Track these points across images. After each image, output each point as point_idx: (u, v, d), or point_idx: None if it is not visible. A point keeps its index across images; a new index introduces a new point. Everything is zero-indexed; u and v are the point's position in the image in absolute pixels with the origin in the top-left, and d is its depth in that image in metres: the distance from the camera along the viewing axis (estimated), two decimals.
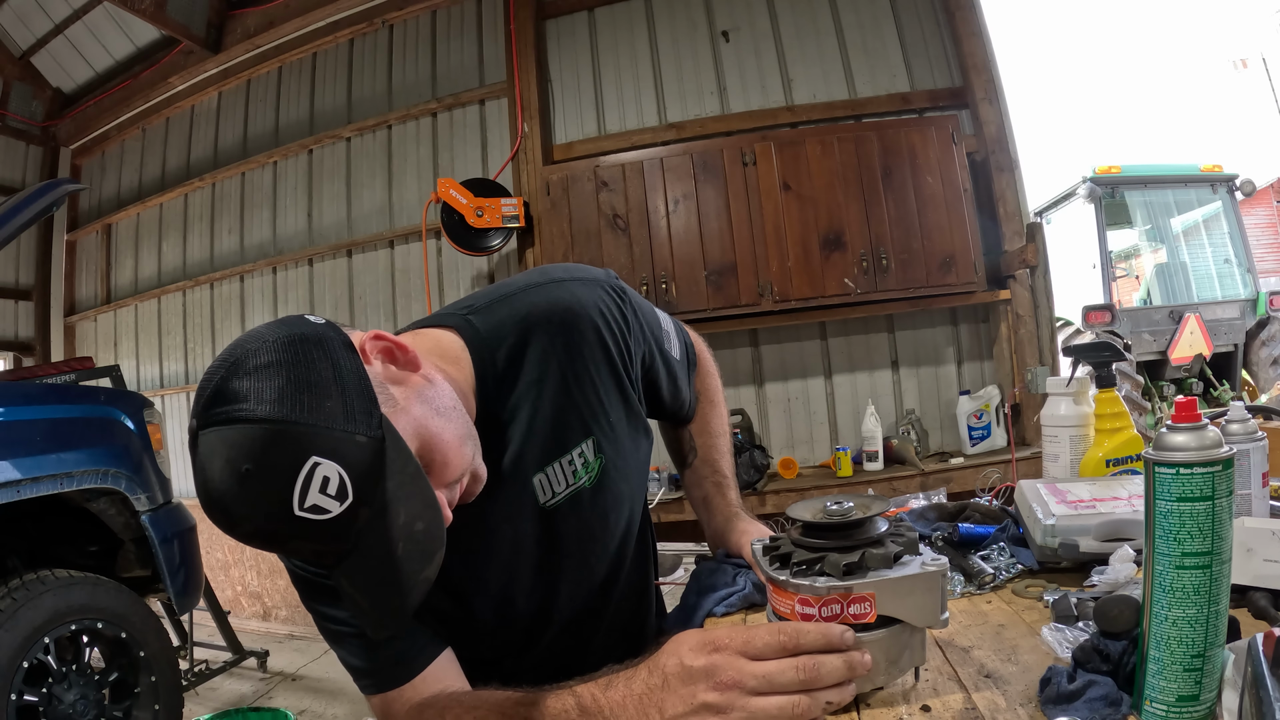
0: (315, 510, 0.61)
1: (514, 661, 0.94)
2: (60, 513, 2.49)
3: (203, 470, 0.62)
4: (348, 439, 0.62)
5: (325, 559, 0.65)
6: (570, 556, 0.91)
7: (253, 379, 0.61)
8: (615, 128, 3.71)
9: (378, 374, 0.70)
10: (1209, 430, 0.56)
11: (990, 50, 3.43)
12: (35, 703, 2.10)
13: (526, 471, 0.86)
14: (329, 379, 0.64)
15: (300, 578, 0.83)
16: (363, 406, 0.65)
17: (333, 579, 0.66)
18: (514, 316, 0.86)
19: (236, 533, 0.63)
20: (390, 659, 0.82)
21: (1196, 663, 0.55)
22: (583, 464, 0.89)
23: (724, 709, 0.59)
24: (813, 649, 0.61)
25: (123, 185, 5.17)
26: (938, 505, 1.23)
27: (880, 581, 0.65)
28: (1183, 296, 6.02)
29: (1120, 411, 1.21)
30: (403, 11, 4.10)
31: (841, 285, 3.22)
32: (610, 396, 0.91)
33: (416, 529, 0.65)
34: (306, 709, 3.07)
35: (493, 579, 0.88)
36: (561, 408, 0.87)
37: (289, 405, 0.61)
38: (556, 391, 0.87)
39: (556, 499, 0.88)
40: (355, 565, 0.65)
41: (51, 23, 4.89)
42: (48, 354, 5.33)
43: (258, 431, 0.60)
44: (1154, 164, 6.32)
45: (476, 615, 0.89)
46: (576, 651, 0.97)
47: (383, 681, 0.82)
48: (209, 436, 0.62)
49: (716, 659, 0.60)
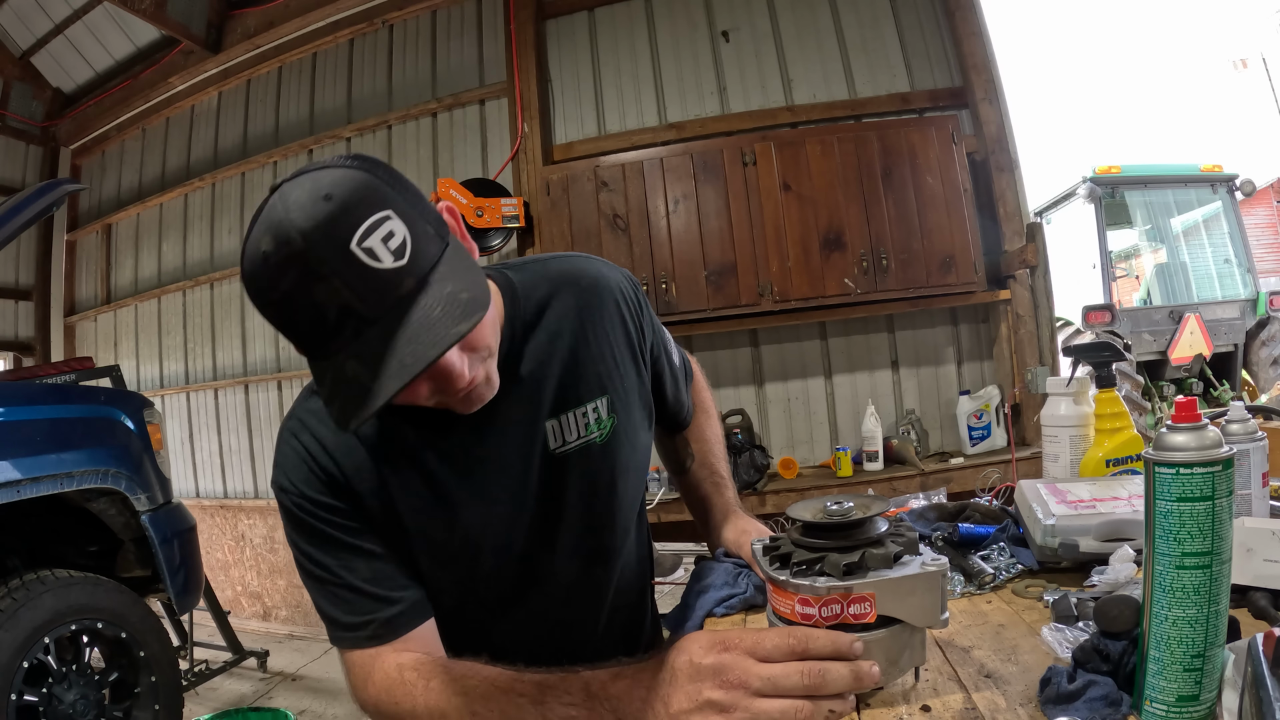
0: (370, 254, 0.64)
1: (505, 622, 0.93)
2: (60, 513, 2.49)
3: (275, 206, 0.65)
4: (420, 221, 0.68)
5: (347, 318, 0.64)
6: (572, 508, 0.92)
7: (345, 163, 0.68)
8: (615, 128, 3.71)
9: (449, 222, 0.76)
10: (1209, 430, 0.56)
11: (990, 50, 3.43)
12: (35, 703, 2.10)
13: (540, 415, 0.89)
14: (414, 188, 0.71)
15: (295, 518, 0.84)
16: (435, 219, 0.72)
17: (343, 347, 0.65)
18: (545, 274, 0.93)
19: (281, 253, 0.63)
20: (377, 615, 0.83)
21: (1196, 663, 0.55)
22: (595, 419, 0.92)
23: (728, 707, 0.59)
24: (820, 655, 0.61)
25: (123, 185, 5.17)
26: (938, 505, 1.23)
27: (880, 581, 0.65)
28: (1183, 296, 6.02)
29: (1120, 411, 1.21)
30: (403, 11, 4.10)
31: (841, 285, 3.22)
32: (625, 365, 0.96)
33: (461, 297, 0.67)
34: (306, 709, 3.07)
35: (496, 516, 0.88)
36: (580, 361, 0.91)
37: (381, 172, 0.68)
38: (577, 345, 0.91)
39: (567, 447, 0.90)
40: (375, 336, 0.65)
41: (51, 23, 4.89)
42: (48, 354, 5.33)
43: (347, 174, 0.66)
44: (1154, 164, 6.32)
45: (477, 551, 0.88)
46: (570, 631, 0.97)
47: (364, 638, 0.83)
48: (294, 181, 0.67)
49: (725, 658, 0.61)
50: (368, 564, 0.84)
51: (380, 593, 0.83)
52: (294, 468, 0.85)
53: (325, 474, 0.84)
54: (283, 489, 0.86)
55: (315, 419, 0.86)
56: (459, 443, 0.86)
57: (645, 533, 1.09)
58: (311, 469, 0.84)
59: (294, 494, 0.85)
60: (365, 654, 0.83)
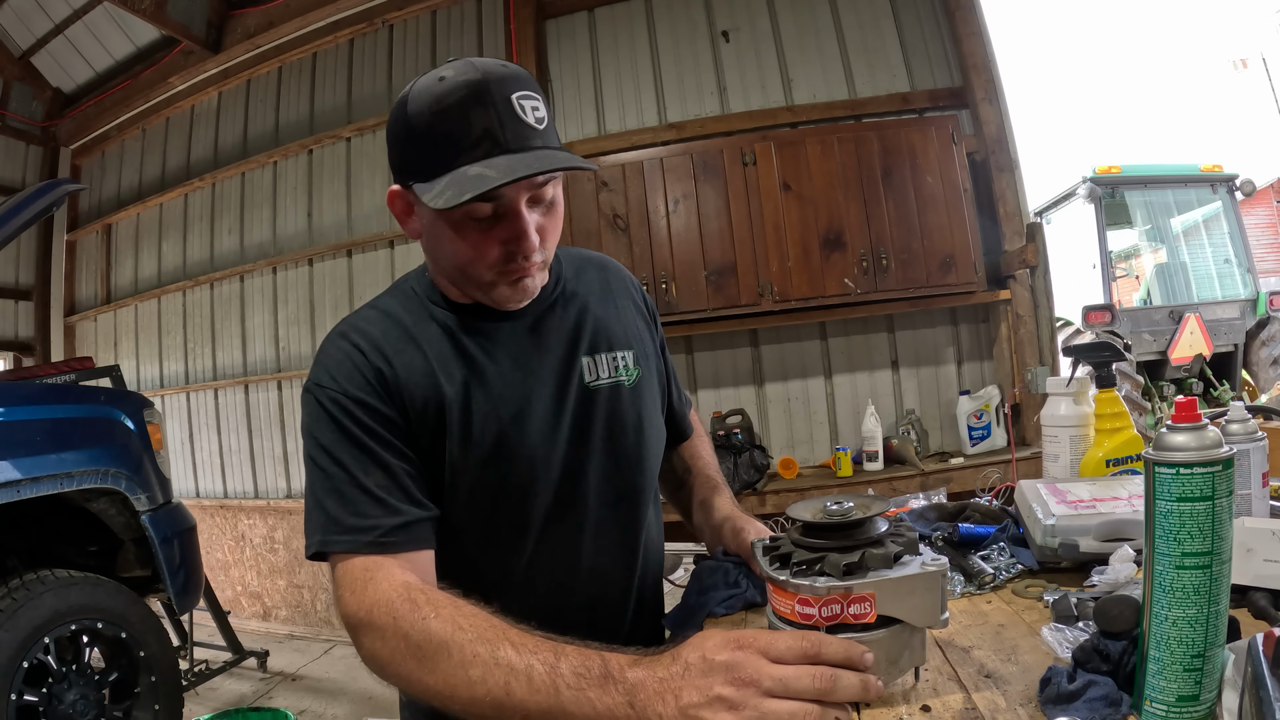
0: (521, 110, 0.81)
1: (532, 559, 0.93)
2: (60, 513, 2.49)
3: (462, 60, 0.82)
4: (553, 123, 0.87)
5: (485, 140, 0.79)
6: (602, 439, 0.96)
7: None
8: (615, 128, 3.71)
9: None
10: (1209, 430, 0.56)
11: (990, 50, 3.43)
12: (35, 703, 2.10)
13: (578, 349, 0.96)
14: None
15: (326, 413, 0.84)
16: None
17: (471, 161, 0.79)
18: (572, 254, 1.06)
19: (459, 78, 0.79)
20: (383, 521, 0.81)
21: (1196, 663, 0.55)
22: (624, 365, 1.00)
23: (737, 705, 0.59)
24: (833, 661, 0.61)
25: (123, 185, 5.17)
26: (938, 505, 1.23)
27: (880, 581, 0.65)
28: (1183, 296, 6.02)
29: (1120, 411, 1.21)
30: (403, 11, 4.10)
31: (841, 285, 3.22)
32: (644, 338, 1.06)
33: (575, 160, 0.84)
34: (306, 709, 3.07)
35: (536, 429, 0.91)
36: (609, 316, 1.02)
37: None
38: (605, 304, 1.03)
39: (600, 382, 0.97)
40: (503, 158, 0.79)
41: (51, 23, 4.89)
42: (48, 354, 5.33)
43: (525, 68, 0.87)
44: (1154, 164, 6.32)
45: (513, 458, 0.90)
46: (598, 584, 0.98)
47: (366, 543, 0.80)
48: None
49: (738, 656, 0.61)
50: (386, 474, 0.84)
51: (392, 501, 0.83)
52: (339, 364, 0.87)
53: (374, 371, 0.86)
54: (319, 384, 0.87)
55: (367, 323, 0.91)
56: (509, 352, 0.92)
57: (660, 522, 1.11)
58: (358, 366, 0.86)
59: (332, 389, 0.85)
60: (365, 560, 0.80)
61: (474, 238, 0.84)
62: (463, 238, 0.85)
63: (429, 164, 0.81)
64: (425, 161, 0.81)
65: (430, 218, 0.86)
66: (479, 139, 0.79)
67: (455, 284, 0.92)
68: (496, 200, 0.82)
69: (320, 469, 0.84)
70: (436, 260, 0.91)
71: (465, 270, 0.87)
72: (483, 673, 0.67)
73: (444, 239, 0.86)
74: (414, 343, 0.89)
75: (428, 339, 0.90)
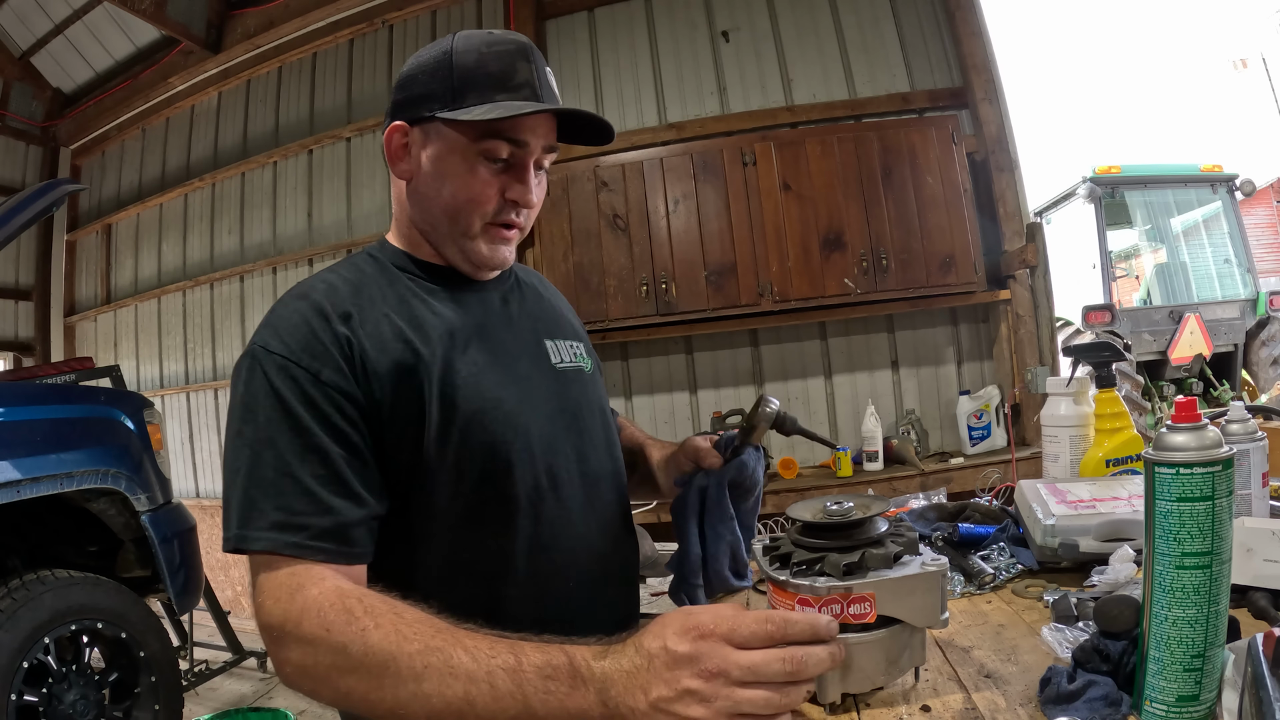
0: (550, 77, 0.91)
1: (521, 542, 0.88)
2: (60, 513, 2.49)
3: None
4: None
5: (524, 87, 0.87)
6: (575, 418, 0.96)
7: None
8: (615, 127, 3.71)
9: None
10: (1209, 430, 0.56)
11: (990, 50, 3.43)
12: (35, 703, 2.10)
13: (541, 333, 0.99)
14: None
15: (268, 385, 0.76)
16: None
17: (504, 99, 0.85)
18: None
19: (507, 37, 0.90)
20: (318, 522, 0.73)
21: (1196, 663, 0.55)
22: (580, 354, 1.03)
23: (708, 698, 0.57)
24: (800, 640, 0.59)
25: (123, 185, 5.17)
26: (938, 505, 1.23)
27: (880, 581, 0.65)
28: (1183, 296, 6.01)
29: (1120, 411, 1.21)
30: (403, 11, 4.10)
31: (841, 285, 3.22)
32: (583, 333, 1.10)
33: (603, 120, 0.95)
34: (306, 709, 3.07)
35: (518, 398, 0.89)
36: (559, 308, 1.08)
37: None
38: (551, 298, 1.09)
39: (565, 364, 0.99)
40: (533, 103, 0.87)
41: (51, 23, 4.89)
42: (48, 354, 5.33)
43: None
44: (1154, 164, 6.32)
45: (504, 424, 0.87)
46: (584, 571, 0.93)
47: (294, 544, 0.72)
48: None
49: (701, 646, 0.58)
50: (324, 463, 0.76)
51: (325, 496, 0.74)
52: (294, 328, 0.80)
53: (336, 338, 0.79)
54: (267, 348, 0.78)
55: (329, 285, 0.85)
56: (484, 321, 0.92)
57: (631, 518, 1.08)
58: (317, 332, 0.79)
59: (282, 356, 0.77)
60: (289, 564, 0.72)
61: (482, 178, 0.86)
62: (471, 174, 0.86)
63: (469, 93, 0.84)
64: (465, 91, 0.85)
65: (437, 153, 0.87)
66: (521, 84, 0.86)
67: (436, 233, 0.91)
68: (518, 144, 0.86)
69: (248, 448, 0.75)
70: (427, 202, 0.89)
71: (461, 210, 0.87)
72: (438, 685, 0.63)
73: (449, 175, 0.87)
74: (382, 306, 0.85)
75: (397, 301, 0.87)
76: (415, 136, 0.88)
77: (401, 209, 0.94)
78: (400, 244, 0.95)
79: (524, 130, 0.87)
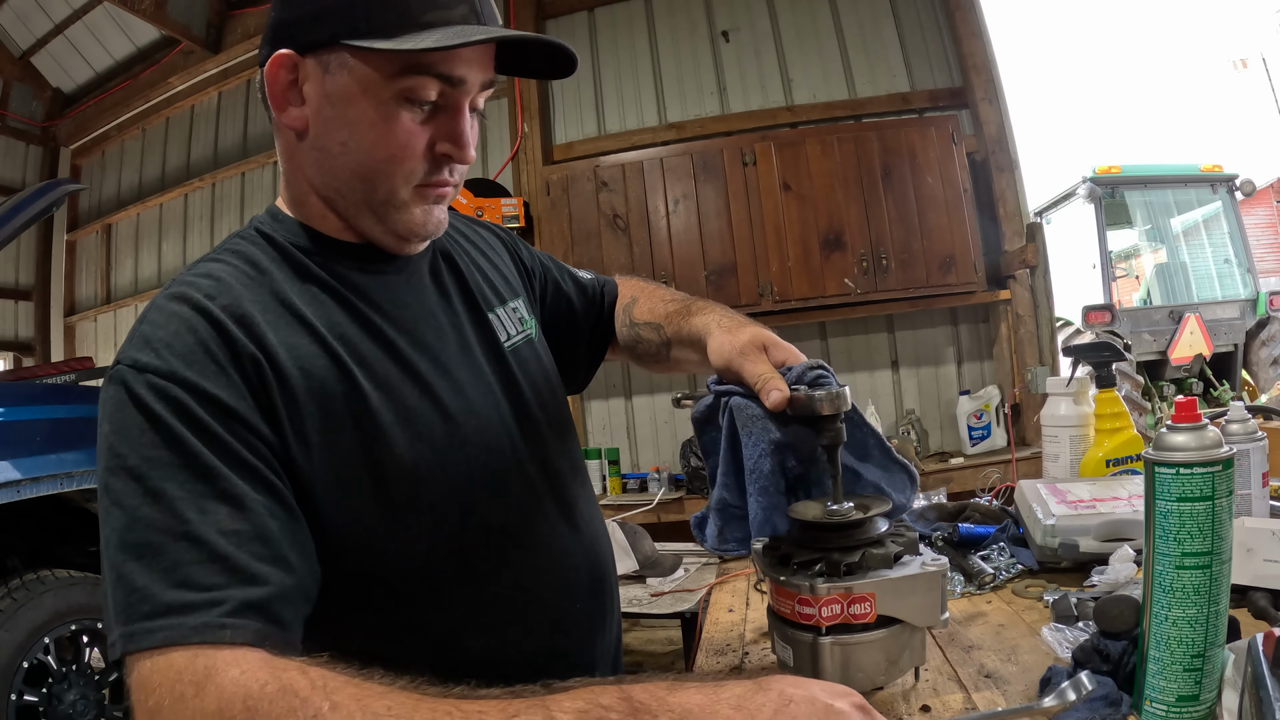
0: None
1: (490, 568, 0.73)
2: (60, 513, 2.49)
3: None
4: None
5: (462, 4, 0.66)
6: (537, 408, 0.81)
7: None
8: (615, 128, 3.71)
9: None
10: (1209, 430, 0.56)
11: (990, 50, 3.43)
12: (35, 703, 2.10)
13: (480, 305, 0.82)
14: None
15: (148, 412, 0.56)
16: None
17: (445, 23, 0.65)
18: None
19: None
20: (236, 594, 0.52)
21: (1196, 663, 0.55)
22: (521, 318, 0.86)
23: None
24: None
25: (123, 185, 5.17)
26: (938, 505, 1.23)
27: (880, 581, 0.65)
28: (1183, 296, 6.01)
29: (1120, 411, 1.21)
30: None
31: (841, 285, 3.22)
32: (514, 270, 0.93)
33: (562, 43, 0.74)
34: None
35: (477, 407, 0.74)
36: (485, 264, 0.88)
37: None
38: (481, 255, 0.89)
39: (513, 340, 0.82)
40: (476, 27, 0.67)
41: (51, 23, 4.89)
42: (48, 354, 5.33)
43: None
44: (1154, 164, 6.32)
45: (470, 441, 0.72)
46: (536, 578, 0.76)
47: (201, 626, 0.50)
48: None
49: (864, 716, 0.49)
50: (238, 512, 0.55)
51: (242, 560, 0.53)
52: (174, 336, 0.59)
53: (229, 347, 0.60)
54: (138, 366, 0.58)
55: (216, 281, 0.64)
56: (420, 313, 0.75)
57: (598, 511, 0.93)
58: (204, 341, 0.59)
59: (159, 374, 0.57)
60: (198, 652, 0.49)
61: (404, 128, 0.66)
62: (390, 124, 0.65)
63: (389, 13, 0.63)
64: (383, 10, 0.63)
65: (340, 95, 0.65)
66: (458, 1, 0.65)
67: (344, 201, 0.70)
68: (451, 82, 0.66)
69: (122, 508, 0.54)
70: (329, 162, 0.69)
71: (378, 173, 0.67)
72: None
73: (360, 125, 0.65)
74: (289, 305, 0.66)
75: (309, 299, 0.68)
76: (309, 70, 0.66)
77: (296, 169, 0.74)
78: (296, 214, 0.74)
79: (459, 63, 0.66)
